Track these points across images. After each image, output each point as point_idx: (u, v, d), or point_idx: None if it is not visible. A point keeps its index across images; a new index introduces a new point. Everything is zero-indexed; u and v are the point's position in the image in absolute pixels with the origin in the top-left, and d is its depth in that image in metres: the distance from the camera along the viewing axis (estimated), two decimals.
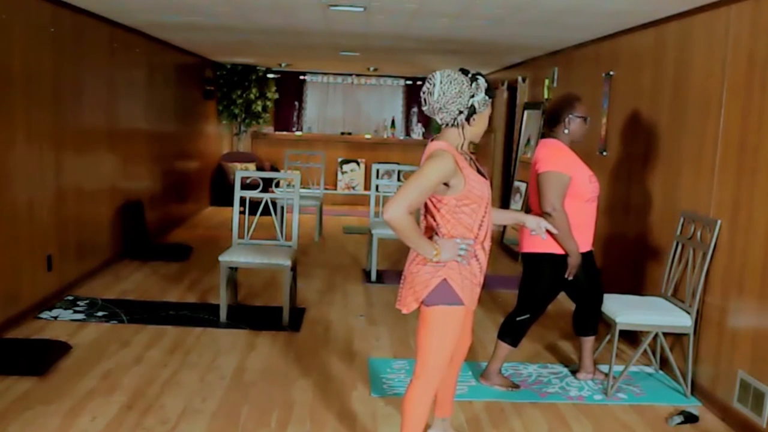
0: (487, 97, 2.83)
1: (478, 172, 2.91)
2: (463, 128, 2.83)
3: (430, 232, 2.89)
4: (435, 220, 2.85)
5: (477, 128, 2.87)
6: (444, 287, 2.80)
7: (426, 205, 2.87)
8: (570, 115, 4.06)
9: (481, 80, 2.82)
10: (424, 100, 2.81)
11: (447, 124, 2.83)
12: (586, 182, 4.02)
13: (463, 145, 2.88)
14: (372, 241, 6.74)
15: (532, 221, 3.28)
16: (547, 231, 3.96)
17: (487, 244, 2.92)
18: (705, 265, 4.13)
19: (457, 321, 2.87)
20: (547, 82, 7.73)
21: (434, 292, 2.80)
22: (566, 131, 4.08)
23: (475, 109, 2.80)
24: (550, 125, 4.14)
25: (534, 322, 4.22)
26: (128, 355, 4.51)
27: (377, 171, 7.20)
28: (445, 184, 2.74)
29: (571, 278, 4.05)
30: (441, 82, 2.76)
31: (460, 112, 2.78)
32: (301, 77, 12.82)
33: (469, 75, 2.81)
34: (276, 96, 12.36)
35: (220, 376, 4.24)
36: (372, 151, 12.59)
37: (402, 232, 2.66)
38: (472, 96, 2.78)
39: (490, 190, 2.92)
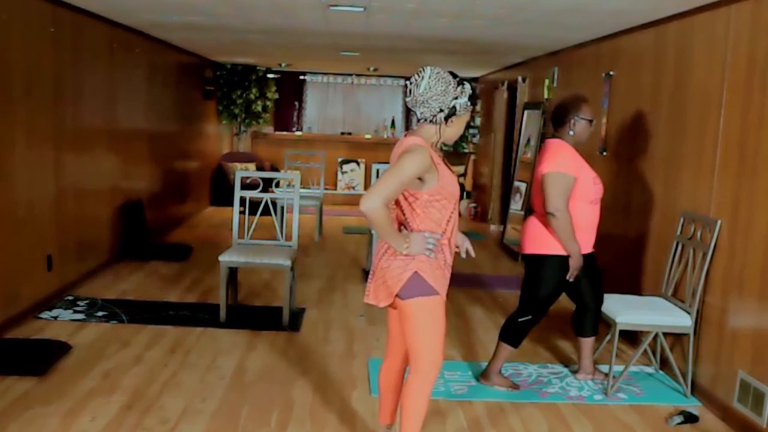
0: (468, 103, 2.89)
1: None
2: (440, 127, 2.88)
3: (399, 226, 2.93)
4: (405, 215, 2.89)
5: (453, 130, 2.93)
6: (416, 279, 2.84)
7: (397, 200, 2.89)
8: (576, 117, 4.06)
9: (467, 86, 2.88)
10: (409, 90, 2.86)
11: (425, 120, 2.88)
12: (590, 184, 4.01)
13: (437, 143, 2.93)
14: (372, 241, 6.74)
15: (460, 239, 3.15)
16: (550, 231, 3.98)
17: (453, 240, 2.97)
18: (705, 265, 4.13)
19: (437, 310, 2.90)
20: (547, 82, 7.73)
21: (408, 285, 2.84)
22: (571, 132, 4.07)
23: (455, 110, 2.86)
24: (555, 125, 4.14)
25: (536, 323, 4.22)
26: (128, 355, 4.51)
27: (377, 171, 7.22)
28: (420, 179, 2.78)
29: (572, 280, 4.04)
30: (429, 77, 2.82)
31: (441, 110, 2.84)
32: (301, 77, 12.82)
33: (457, 79, 2.87)
34: (276, 96, 12.36)
35: (220, 376, 4.24)
36: (372, 151, 12.58)
37: (376, 224, 2.71)
38: (456, 98, 2.85)
39: (459, 188, 2.97)
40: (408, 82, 2.88)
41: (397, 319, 3.05)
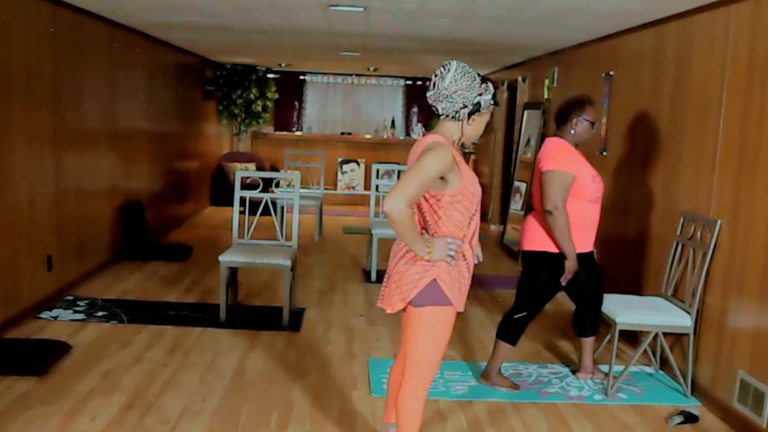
0: (492, 101, 2.83)
1: None
2: (462, 124, 2.81)
3: (420, 229, 2.85)
4: (425, 217, 2.81)
5: (474, 129, 2.85)
6: (433, 288, 2.76)
7: (417, 202, 2.81)
8: (578, 117, 4.06)
9: (491, 85, 2.83)
10: (434, 84, 2.78)
11: (447, 116, 2.81)
12: (590, 182, 4.01)
13: (458, 141, 2.86)
14: (372, 241, 6.74)
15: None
16: (547, 232, 3.98)
17: (475, 242, 2.88)
18: (705, 265, 4.13)
19: (447, 322, 2.84)
20: (547, 82, 7.73)
21: (423, 293, 2.76)
22: (572, 132, 4.08)
23: (479, 107, 2.79)
24: (558, 123, 4.14)
25: (532, 320, 4.22)
26: (128, 355, 4.51)
27: (377, 171, 7.21)
28: (442, 178, 2.69)
29: (564, 283, 4.03)
30: (455, 71, 2.75)
31: (464, 106, 2.77)
32: (301, 77, 12.81)
33: (481, 76, 2.82)
34: (276, 96, 12.36)
35: (220, 376, 4.24)
36: (372, 151, 12.59)
37: (400, 225, 2.60)
38: (480, 94, 2.78)
39: (480, 188, 2.89)
40: (433, 74, 2.80)
41: None
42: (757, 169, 3.76)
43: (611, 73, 5.91)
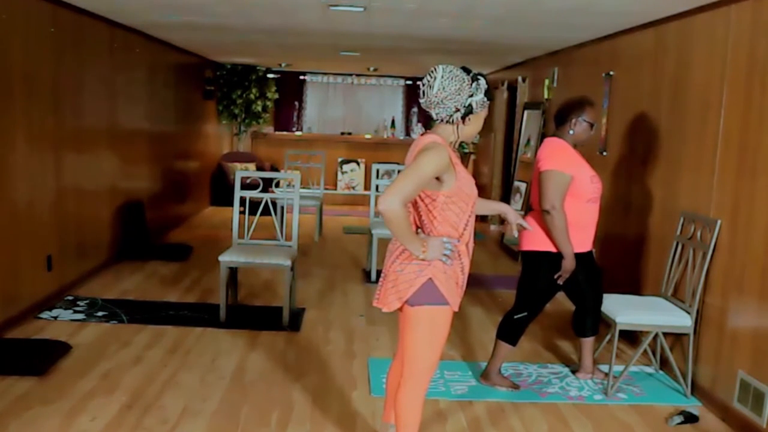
0: (485, 99, 2.82)
1: None
2: (457, 126, 2.81)
3: (415, 230, 2.85)
4: (421, 217, 2.81)
5: (471, 128, 2.85)
6: (429, 287, 2.76)
7: (414, 202, 2.81)
8: (577, 118, 4.06)
9: (482, 81, 2.80)
10: (423, 92, 2.79)
11: (441, 120, 2.81)
12: (588, 182, 4.01)
13: (455, 142, 2.87)
14: (372, 241, 6.74)
15: (512, 215, 3.19)
16: (546, 232, 3.98)
17: (471, 244, 2.88)
18: (705, 265, 4.13)
19: (443, 321, 2.84)
20: (547, 82, 7.73)
21: (419, 292, 2.76)
22: (571, 132, 4.08)
23: (472, 108, 2.78)
24: (557, 124, 4.15)
25: (532, 320, 4.22)
26: (128, 355, 4.51)
27: (377, 171, 7.21)
28: (437, 178, 2.69)
29: (560, 282, 4.03)
30: (442, 77, 2.74)
31: (457, 110, 2.76)
32: (301, 77, 12.82)
33: (471, 74, 2.79)
34: (276, 96, 12.37)
35: (220, 376, 4.24)
36: (372, 151, 12.59)
37: (395, 225, 2.60)
38: (471, 95, 2.77)
39: (476, 189, 2.89)
40: (421, 83, 2.81)
41: None
42: (757, 169, 3.76)
43: (611, 73, 5.91)
